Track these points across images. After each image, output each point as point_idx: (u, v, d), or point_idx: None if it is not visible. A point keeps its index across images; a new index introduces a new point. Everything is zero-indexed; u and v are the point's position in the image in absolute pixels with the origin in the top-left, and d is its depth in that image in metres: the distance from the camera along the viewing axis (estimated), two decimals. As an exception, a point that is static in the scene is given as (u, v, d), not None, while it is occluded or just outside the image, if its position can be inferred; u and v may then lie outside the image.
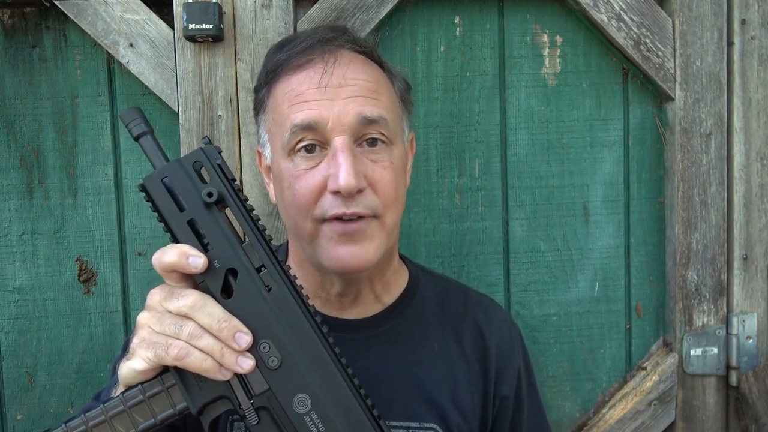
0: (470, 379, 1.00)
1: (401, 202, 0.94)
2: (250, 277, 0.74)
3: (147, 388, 0.74)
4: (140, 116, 0.77)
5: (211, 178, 0.75)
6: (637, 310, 1.36)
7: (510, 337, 1.06)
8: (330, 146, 0.87)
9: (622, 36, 1.26)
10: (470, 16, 1.29)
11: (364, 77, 0.90)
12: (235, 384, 0.74)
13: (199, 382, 0.74)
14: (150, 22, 1.18)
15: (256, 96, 0.99)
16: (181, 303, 0.71)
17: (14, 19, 1.23)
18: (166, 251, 0.72)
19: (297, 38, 0.95)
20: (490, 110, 1.31)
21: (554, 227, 1.33)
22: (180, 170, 0.74)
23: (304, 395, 0.74)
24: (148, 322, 0.73)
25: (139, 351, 0.73)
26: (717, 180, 1.30)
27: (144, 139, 0.76)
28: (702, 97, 1.28)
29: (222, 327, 0.71)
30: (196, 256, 0.72)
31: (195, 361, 0.71)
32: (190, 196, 0.74)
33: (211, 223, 0.74)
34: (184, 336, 0.71)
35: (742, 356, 1.30)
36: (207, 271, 0.72)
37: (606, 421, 1.31)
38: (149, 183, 0.74)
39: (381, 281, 1.00)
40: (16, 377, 1.27)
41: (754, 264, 1.31)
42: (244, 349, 0.72)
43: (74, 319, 1.27)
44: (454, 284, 1.12)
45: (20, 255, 1.26)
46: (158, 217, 0.75)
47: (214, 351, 0.71)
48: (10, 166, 1.25)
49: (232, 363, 0.71)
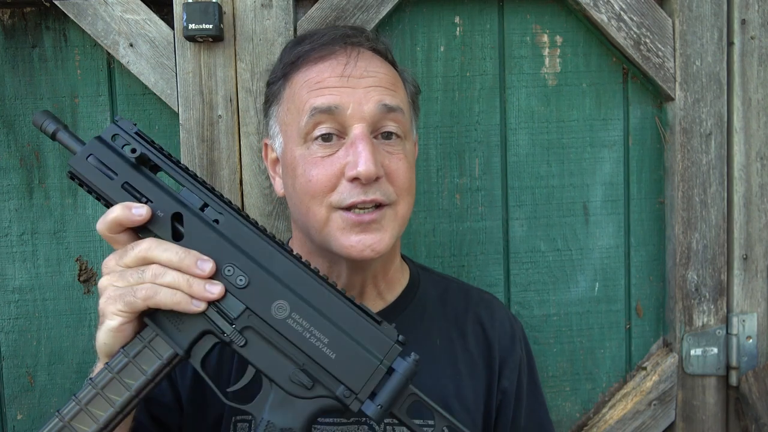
0: (474, 374, 1.01)
1: (413, 193, 0.96)
2: (195, 216, 0.77)
3: (129, 350, 0.75)
4: (50, 116, 0.80)
5: (132, 145, 0.79)
6: (637, 310, 1.36)
7: (512, 331, 1.07)
8: (348, 135, 0.88)
9: (622, 36, 1.26)
10: (470, 16, 1.29)
11: (383, 71, 0.93)
12: (214, 315, 0.76)
13: (177, 325, 0.76)
14: (150, 22, 1.18)
15: (269, 89, 1.00)
16: (136, 250, 0.74)
17: (14, 19, 1.23)
18: (109, 211, 0.75)
19: (318, 32, 0.97)
20: (490, 110, 1.31)
21: (554, 227, 1.33)
22: (100, 145, 0.78)
23: (280, 301, 0.76)
24: (110, 282, 0.75)
25: (108, 308, 0.74)
26: (717, 180, 1.30)
27: (60, 134, 0.79)
28: (702, 97, 1.28)
29: (182, 258, 0.73)
30: (139, 207, 0.75)
31: (165, 297, 0.73)
32: (116, 164, 0.77)
33: (143, 181, 0.77)
34: (149, 277, 0.73)
35: (742, 356, 1.30)
36: (152, 221, 0.76)
37: (606, 421, 1.31)
38: (76, 164, 0.77)
39: (384, 278, 1.01)
40: (16, 377, 1.27)
41: (754, 264, 1.31)
42: (208, 274, 0.74)
43: (74, 319, 1.27)
44: (455, 282, 1.13)
45: (20, 255, 1.26)
46: (94, 194, 0.78)
47: (181, 283, 0.73)
48: (10, 166, 1.25)
49: (201, 290, 0.73)
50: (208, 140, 1.19)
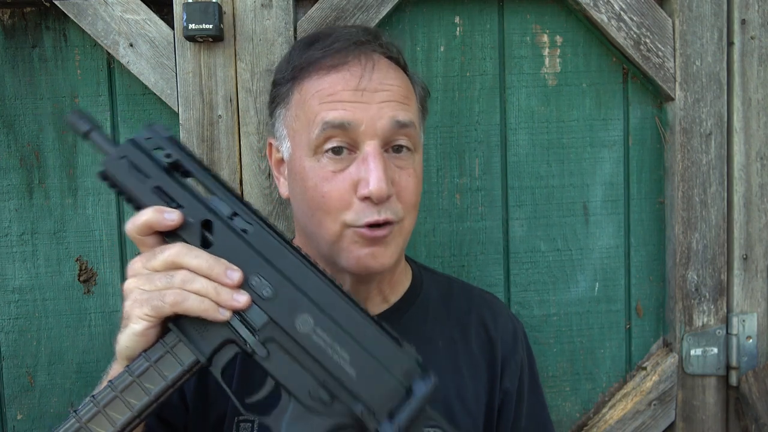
0: (476, 375, 1.01)
1: (418, 206, 0.96)
2: (224, 225, 0.76)
3: (151, 354, 0.74)
4: (83, 116, 0.79)
5: (165, 149, 0.78)
6: (637, 310, 1.36)
7: (514, 331, 1.07)
8: (360, 150, 0.87)
9: (622, 36, 1.26)
10: (470, 16, 1.29)
11: (397, 83, 0.92)
12: (236, 324, 0.75)
13: (201, 332, 0.75)
14: (150, 22, 1.18)
15: (276, 89, 0.98)
16: (166, 254, 0.73)
17: (14, 19, 1.23)
18: (140, 213, 0.74)
19: (330, 36, 0.94)
20: (490, 110, 1.31)
21: (554, 227, 1.33)
22: (134, 148, 0.77)
23: (304, 315, 0.75)
24: (137, 285, 0.73)
25: (134, 311, 0.73)
26: (717, 180, 1.30)
27: (93, 134, 0.78)
28: (702, 97, 1.28)
29: (212, 265, 0.73)
30: (171, 212, 0.74)
31: (193, 304, 0.72)
32: (149, 167, 0.76)
33: (175, 185, 0.77)
34: (177, 283, 0.72)
35: (742, 356, 1.30)
36: (182, 227, 0.75)
37: (606, 421, 1.31)
38: (109, 165, 0.76)
39: (389, 282, 1.01)
40: (16, 377, 1.27)
41: (754, 264, 1.31)
42: (236, 284, 0.73)
43: (74, 319, 1.27)
44: (458, 282, 1.12)
45: (20, 255, 1.26)
46: (125, 195, 0.77)
47: (209, 291, 0.72)
48: (10, 166, 1.25)
49: (228, 299, 0.73)
50: (208, 140, 1.19)
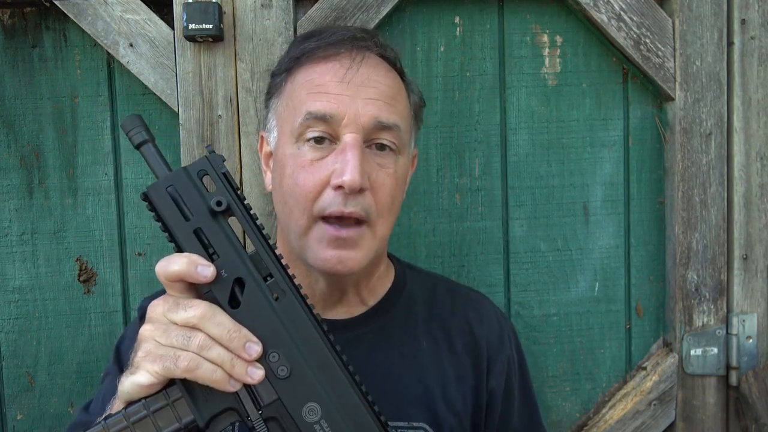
0: (461, 375, 1.00)
1: (395, 212, 0.94)
2: (257, 287, 0.73)
3: (151, 403, 0.72)
4: (141, 124, 0.75)
5: (216, 186, 0.74)
6: (637, 310, 1.36)
7: (500, 330, 1.05)
8: (340, 141, 0.87)
9: (622, 36, 1.26)
10: (470, 16, 1.29)
11: (386, 82, 0.91)
12: (243, 395, 0.72)
13: (206, 394, 0.72)
14: (150, 22, 1.18)
15: (272, 80, 0.99)
16: (189, 314, 0.69)
17: (14, 19, 1.23)
18: (173, 260, 0.70)
19: (328, 30, 0.95)
20: (490, 110, 1.31)
21: (554, 227, 1.33)
22: (185, 179, 0.73)
23: (313, 404, 0.73)
24: (153, 335, 0.70)
25: (144, 365, 0.70)
26: (717, 180, 1.30)
27: (145, 147, 0.75)
28: (702, 97, 1.28)
29: (232, 337, 0.69)
30: (205, 266, 0.69)
31: (205, 373, 0.68)
32: (195, 204, 0.72)
33: (217, 232, 0.72)
34: (194, 347, 0.68)
35: (742, 356, 1.30)
36: (214, 281, 0.71)
37: (606, 421, 1.31)
38: (153, 192, 0.73)
39: (366, 286, 1.01)
40: (16, 377, 1.27)
41: (754, 264, 1.31)
42: (254, 359, 0.70)
43: (74, 319, 1.27)
44: (444, 281, 1.11)
45: (20, 255, 1.26)
46: (162, 226, 0.73)
47: (225, 362, 0.69)
48: (10, 166, 1.25)
49: (242, 374, 0.69)
50: (208, 140, 1.19)
